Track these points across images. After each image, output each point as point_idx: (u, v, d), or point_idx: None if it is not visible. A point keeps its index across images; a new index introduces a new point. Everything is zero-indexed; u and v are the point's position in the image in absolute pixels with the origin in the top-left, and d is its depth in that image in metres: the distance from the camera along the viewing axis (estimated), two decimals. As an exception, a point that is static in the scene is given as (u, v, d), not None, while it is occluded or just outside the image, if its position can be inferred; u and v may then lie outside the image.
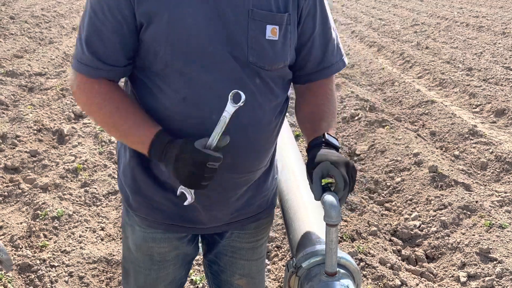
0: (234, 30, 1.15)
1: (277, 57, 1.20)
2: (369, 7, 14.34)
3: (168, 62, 1.15)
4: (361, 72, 7.14)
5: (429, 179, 3.58)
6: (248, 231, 1.46)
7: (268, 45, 1.18)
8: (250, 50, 1.16)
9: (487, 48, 8.14)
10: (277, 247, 2.93)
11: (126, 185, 1.35)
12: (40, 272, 2.54)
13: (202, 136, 1.13)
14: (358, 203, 3.39)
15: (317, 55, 1.31)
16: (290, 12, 1.20)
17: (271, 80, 1.23)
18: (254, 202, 1.39)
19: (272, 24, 1.17)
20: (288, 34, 1.21)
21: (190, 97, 1.17)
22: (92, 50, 1.16)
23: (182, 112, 1.18)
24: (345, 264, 1.18)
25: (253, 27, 1.16)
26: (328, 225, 1.06)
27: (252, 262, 1.54)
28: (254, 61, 1.17)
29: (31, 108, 4.69)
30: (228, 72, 1.17)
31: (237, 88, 1.14)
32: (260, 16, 1.16)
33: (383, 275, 2.59)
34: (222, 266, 1.53)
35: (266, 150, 1.32)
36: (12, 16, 8.67)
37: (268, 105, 1.24)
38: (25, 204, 3.18)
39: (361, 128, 4.73)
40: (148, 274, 1.44)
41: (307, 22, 1.26)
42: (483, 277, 2.61)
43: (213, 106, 1.16)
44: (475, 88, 5.91)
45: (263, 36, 1.17)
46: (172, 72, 1.16)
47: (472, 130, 4.52)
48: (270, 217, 1.51)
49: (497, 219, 3.05)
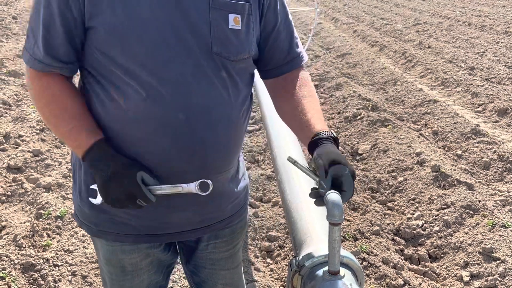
0: (195, 20, 1.10)
1: (241, 46, 1.17)
2: (371, 6, 14.32)
3: (125, 57, 1.08)
4: (363, 71, 7.13)
5: (431, 178, 3.57)
6: (223, 239, 1.42)
7: (231, 34, 1.14)
8: (213, 39, 1.12)
9: (489, 47, 8.12)
10: (280, 246, 2.93)
11: (83, 204, 1.27)
12: (44, 272, 2.55)
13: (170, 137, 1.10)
14: (361, 202, 3.39)
15: (283, 47, 1.30)
16: (251, 2, 1.19)
17: (236, 73, 1.19)
18: (226, 205, 1.34)
19: (234, 13, 1.15)
20: (250, 23, 1.19)
21: (153, 95, 1.09)
22: (41, 44, 1.11)
23: (144, 113, 1.11)
24: (348, 263, 1.18)
25: (215, 16, 1.12)
26: (331, 224, 1.06)
27: (232, 270, 1.51)
28: (218, 51, 1.13)
29: (33, 108, 4.70)
30: (192, 66, 1.11)
31: (201, 82, 1.11)
32: (221, 4, 1.13)
33: (386, 275, 2.59)
34: (203, 278, 1.49)
35: (236, 148, 1.28)
36: (15, 16, 8.69)
37: (235, 100, 1.20)
38: (28, 204, 3.19)
39: (363, 127, 4.72)
40: (123, 284, 1.38)
41: (269, 15, 1.25)
42: (486, 276, 2.61)
43: (178, 103, 1.11)
44: (478, 87, 5.90)
45: (226, 25, 1.13)
46: (132, 67, 1.09)
47: (475, 129, 4.51)
48: (243, 220, 1.46)
49: (500, 218, 3.05)
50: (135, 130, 1.13)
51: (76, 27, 1.10)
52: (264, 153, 4.12)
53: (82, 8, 1.08)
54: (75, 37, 1.11)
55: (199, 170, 1.18)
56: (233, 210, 1.38)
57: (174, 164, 1.16)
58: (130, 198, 1.09)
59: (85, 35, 1.12)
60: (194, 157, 1.16)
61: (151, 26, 1.08)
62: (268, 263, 2.83)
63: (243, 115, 1.25)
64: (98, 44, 1.10)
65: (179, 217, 1.26)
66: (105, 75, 1.12)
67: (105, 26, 1.07)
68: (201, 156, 1.17)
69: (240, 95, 1.22)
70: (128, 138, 1.15)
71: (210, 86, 1.13)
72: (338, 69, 7.16)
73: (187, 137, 1.14)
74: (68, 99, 1.16)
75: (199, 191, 1.09)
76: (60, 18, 1.09)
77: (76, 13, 1.08)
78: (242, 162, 1.43)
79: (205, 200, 1.24)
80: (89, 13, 1.08)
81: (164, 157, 1.15)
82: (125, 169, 1.10)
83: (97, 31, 1.09)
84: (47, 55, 1.12)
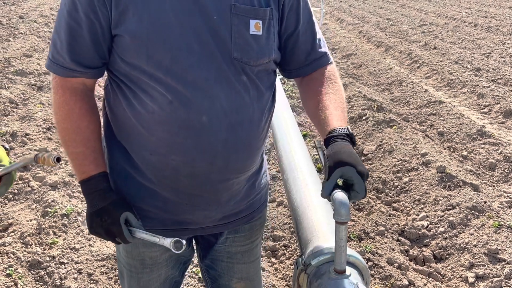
0: (217, 26, 1.12)
1: (262, 52, 1.18)
2: (377, 7, 14.29)
3: (151, 63, 1.11)
4: (369, 72, 7.12)
5: (437, 179, 3.57)
6: (242, 233, 1.45)
7: (252, 40, 1.16)
8: (234, 46, 1.14)
9: (495, 48, 8.09)
10: (284, 246, 2.94)
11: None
12: (50, 269, 2.56)
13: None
14: (366, 203, 3.39)
15: (305, 48, 1.30)
16: (272, 7, 1.19)
17: (256, 76, 1.21)
18: (247, 202, 1.37)
19: (255, 18, 1.16)
20: (271, 28, 1.19)
21: (178, 98, 1.12)
22: (67, 51, 1.13)
23: (170, 115, 1.14)
24: (354, 262, 1.18)
25: (236, 22, 1.13)
26: (337, 223, 1.07)
27: (249, 264, 1.52)
28: (239, 57, 1.15)
29: (40, 106, 4.73)
30: (215, 71, 1.13)
31: (223, 86, 1.13)
32: (243, 10, 1.14)
33: (391, 275, 2.59)
34: (220, 271, 1.51)
35: (258, 149, 1.30)
36: (22, 16, 8.74)
37: (256, 103, 1.22)
38: (34, 202, 3.21)
39: (368, 128, 4.72)
40: (141, 277, 1.41)
41: (291, 17, 1.25)
42: (491, 277, 2.60)
43: (201, 107, 1.13)
44: (484, 88, 5.87)
45: (246, 31, 1.15)
46: (157, 73, 1.11)
47: (481, 130, 4.49)
48: (263, 217, 1.49)
49: (506, 220, 3.04)
50: (160, 131, 1.16)
51: (103, 34, 1.12)
52: (269, 152, 4.12)
53: (109, 16, 1.10)
54: (101, 44, 1.14)
55: (221, 170, 1.21)
56: (253, 207, 1.41)
57: (197, 165, 1.19)
58: (109, 235, 1.18)
59: (112, 41, 1.14)
60: (216, 158, 1.18)
61: (175, 33, 1.10)
62: (273, 263, 2.84)
63: (264, 116, 1.27)
64: (124, 51, 1.13)
65: (202, 215, 1.30)
66: (132, 79, 1.15)
67: (131, 33, 1.10)
68: (224, 158, 1.19)
69: (261, 97, 1.24)
70: (153, 139, 1.18)
71: (232, 90, 1.16)
72: (344, 69, 7.16)
73: (210, 139, 1.16)
74: (83, 120, 1.20)
75: (173, 248, 1.14)
76: (87, 26, 1.11)
77: (103, 21, 1.11)
78: (265, 160, 1.45)
79: (226, 199, 1.29)
80: (115, 21, 1.10)
81: (187, 158, 1.18)
82: (112, 207, 1.17)
83: (123, 39, 1.11)
84: (72, 61, 1.15)
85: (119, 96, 1.19)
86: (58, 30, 1.15)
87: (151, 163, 1.21)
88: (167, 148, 1.17)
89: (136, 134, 1.19)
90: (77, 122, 1.19)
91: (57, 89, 1.20)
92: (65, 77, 1.17)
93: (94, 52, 1.14)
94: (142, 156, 1.22)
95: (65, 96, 1.19)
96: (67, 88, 1.19)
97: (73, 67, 1.15)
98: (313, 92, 1.31)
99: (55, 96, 1.20)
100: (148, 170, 1.23)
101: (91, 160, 1.21)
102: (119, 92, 1.19)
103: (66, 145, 1.23)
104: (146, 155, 1.21)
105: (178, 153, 1.17)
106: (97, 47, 1.14)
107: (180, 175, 1.21)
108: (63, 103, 1.19)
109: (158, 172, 1.22)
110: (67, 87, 1.19)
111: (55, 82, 1.20)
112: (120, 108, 1.20)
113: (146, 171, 1.23)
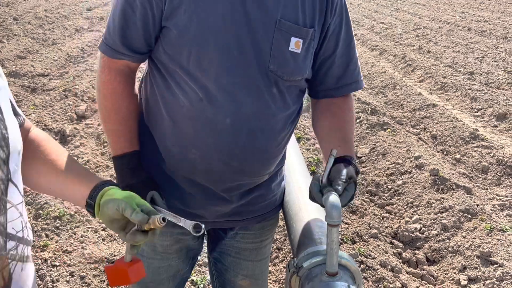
0: (259, 37, 1.16)
1: (297, 69, 1.22)
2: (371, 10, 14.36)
3: (190, 60, 1.16)
4: (363, 75, 7.14)
5: (430, 182, 3.58)
6: (252, 231, 1.48)
7: (290, 57, 1.20)
8: (272, 58, 1.18)
9: (489, 52, 8.15)
10: (278, 248, 2.94)
11: None
12: (42, 272, 2.55)
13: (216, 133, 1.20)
14: (359, 205, 3.40)
15: (338, 72, 1.32)
16: (315, 28, 1.22)
17: (286, 90, 1.24)
18: (260, 202, 1.41)
19: (297, 37, 1.19)
20: (310, 49, 1.23)
21: (208, 97, 1.18)
22: (118, 34, 1.20)
23: (197, 112, 1.20)
24: (346, 264, 1.18)
25: (279, 37, 1.17)
26: (329, 225, 1.07)
27: (256, 263, 1.55)
28: (274, 70, 1.19)
29: (33, 108, 4.71)
30: (248, 78, 1.19)
31: (252, 94, 1.18)
32: (287, 27, 1.18)
33: (384, 278, 2.59)
34: (227, 266, 1.55)
35: (274, 158, 1.34)
36: (16, 17, 8.70)
37: (280, 115, 1.26)
38: (27, 204, 3.19)
39: (362, 131, 4.74)
40: (151, 262, 1.45)
41: (331, 40, 1.27)
42: (483, 280, 2.61)
43: (228, 109, 1.18)
44: (477, 92, 5.91)
45: (286, 47, 1.19)
46: (194, 70, 1.17)
47: (474, 134, 4.52)
48: (275, 218, 1.53)
49: (498, 222, 3.06)
50: (185, 125, 1.23)
51: (154, 24, 1.18)
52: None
53: (163, 8, 1.16)
54: (150, 32, 1.20)
55: (236, 172, 1.26)
56: (267, 208, 1.44)
57: (213, 163, 1.25)
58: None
59: (160, 31, 1.20)
60: (233, 160, 1.23)
61: (220, 37, 1.15)
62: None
63: (287, 128, 1.31)
64: (168, 43, 1.19)
65: (214, 210, 1.36)
66: (169, 70, 1.22)
67: (178, 28, 1.16)
68: (240, 161, 1.24)
69: (287, 110, 1.28)
70: (178, 130, 1.25)
71: (260, 99, 1.21)
72: (338, 72, 7.18)
73: (230, 141, 1.22)
74: (124, 100, 1.28)
75: (192, 230, 1.15)
76: (141, 14, 1.17)
77: (156, 11, 1.17)
78: (284, 166, 1.49)
79: (238, 198, 1.34)
80: (167, 14, 1.16)
81: (205, 155, 1.24)
82: (141, 185, 1.24)
83: (170, 32, 1.17)
84: (122, 44, 1.21)
85: (155, 85, 1.26)
86: (114, 13, 1.22)
87: (172, 153, 1.28)
88: (188, 142, 1.24)
89: (163, 124, 1.26)
90: (118, 101, 1.27)
91: (103, 68, 1.26)
92: (113, 58, 1.24)
93: (142, 39, 1.20)
94: (165, 145, 1.28)
95: (110, 75, 1.26)
96: (113, 69, 1.26)
97: (121, 49, 1.22)
98: (332, 115, 1.34)
99: (101, 75, 1.27)
100: (168, 159, 1.29)
101: (126, 138, 1.28)
102: (156, 80, 1.26)
103: (104, 121, 1.30)
104: (168, 145, 1.28)
105: (198, 149, 1.24)
106: (146, 34, 1.20)
107: (196, 169, 1.27)
108: (108, 82, 1.26)
109: (176, 163, 1.29)
110: (113, 68, 1.26)
111: (103, 61, 1.26)
112: (154, 96, 1.27)
113: (166, 159, 1.30)
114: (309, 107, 1.54)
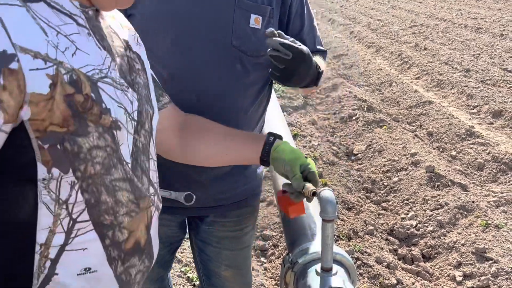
0: (220, 15, 1.24)
1: (259, 44, 1.27)
2: (368, 8, 14.36)
3: (154, 42, 1.20)
4: (359, 72, 7.15)
5: (426, 179, 3.59)
6: (230, 219, 1.48)
7: (251, 32, 1.27)
8: (234, 34, 1.24)
9: (485, 49, 8.16)
10: (274, 245, 2.94)
11: None
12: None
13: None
14: (355, 202, 3.40)
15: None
16: (273, 7, 1.30)
17: (251, 67, 1.29)
18: (236, 187, 1.41)
19: (256, 14, 1.27)
20: (269, 26, 1.29)
21: (174, 75, 1.23)
22: None
23: (167, 90, 1.22)
24: (341, 260, 1.18)
25: (239, 14, 1.25)
26: (324, 220, 1.07)
27: (237, 252, 1.55)
28: (237, 45, 1.25)
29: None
30: (211, 55, 1.24)
31: (217, 70, 1.23)
32: (246, 5, 1.26)
33: (379, 274, 2.60)
34: (209, 255, 1.55)
35: None
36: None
37: (246, 91, 1.31)
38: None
39: (358, 128, 4.74)
40: None
41: (295, 21, 1.37)
42: (478, 276, 2.62)
43: (192, 87, 1.24)
44: (473, 89, 5.92)
45: (247, 24, 1.26)
46: (156, 52, 1.21)
47: (469, 131, 4.53)
48: (253, 206, 1.53)
49: (493, 219, 3.07)
50: None
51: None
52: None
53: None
54: None
55: None
56: (243, 195, 1.45)
57: None
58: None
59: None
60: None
61: (182, 18, 1.22)
62: (262, 262, 2.84)
63: (255, 106, 1.35)
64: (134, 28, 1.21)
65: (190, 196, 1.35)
66: None
67: (142, 13, 1.22)
68: None
69: (252, 87, 1.33)
70: None
71: (223, 76, 1.26)
72: (334, 70, 7.18)
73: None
74: None
75: (183, 201, 1.21)
76: None
77: None
78: None
79: (209, 182, 1.35)
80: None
81: None
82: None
83: (135, 18, 1.22)
84: None
85: None
86: None
87: None
88: None
89: None
90: None
91: None
92: None
93: None
94: None
95: None
96: None
97: None
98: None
99: None
100: None
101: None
102: None
103: None
104: None
105: None
106: None
107: None
108: None
109: None
110: None
111: None
112: None
113: None
114: (305, 104, 1.56)
